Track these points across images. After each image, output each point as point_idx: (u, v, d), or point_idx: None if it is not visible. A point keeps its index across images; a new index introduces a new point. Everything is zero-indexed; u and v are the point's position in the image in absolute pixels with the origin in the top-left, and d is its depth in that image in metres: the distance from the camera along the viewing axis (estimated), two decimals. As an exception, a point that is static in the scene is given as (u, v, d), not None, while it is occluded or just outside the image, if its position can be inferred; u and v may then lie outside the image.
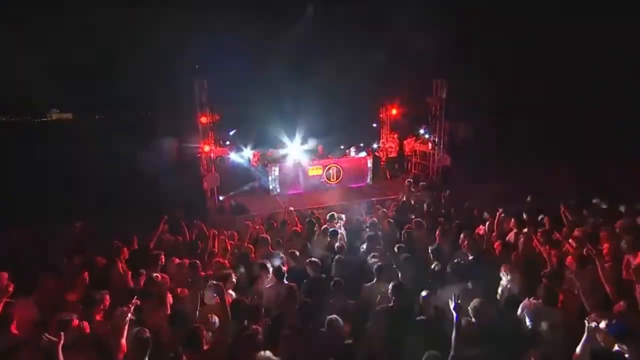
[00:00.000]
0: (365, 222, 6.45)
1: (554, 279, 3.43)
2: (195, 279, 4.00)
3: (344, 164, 12.22)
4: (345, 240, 5.76)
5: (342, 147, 13.10)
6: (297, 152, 12.35)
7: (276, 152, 12.52)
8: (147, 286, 3.85)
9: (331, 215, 6.52)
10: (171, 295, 3.63)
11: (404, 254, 4.32)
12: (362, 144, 13.27)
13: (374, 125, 15.30)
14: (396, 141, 14.50)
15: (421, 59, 13.39)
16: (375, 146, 14.36)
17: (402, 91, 14.11)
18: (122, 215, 7.62)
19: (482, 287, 3.55)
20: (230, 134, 13.50)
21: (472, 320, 2.88)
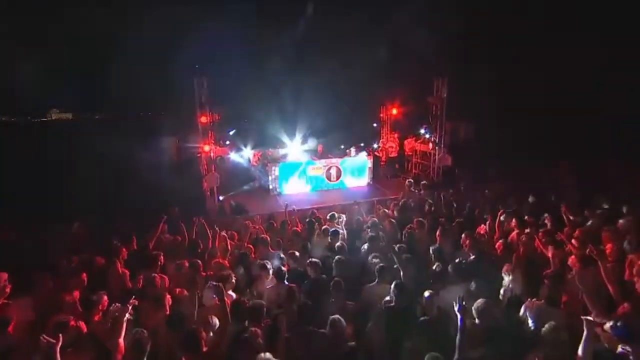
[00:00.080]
0: (365, 222, 6.41)
1: (556, 280, 3.41)
2: (195, 280, 3.96)
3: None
4: (346, 240, 5.72)
5: (342, 146, 13.09)
6: (297, 151, 12.32)
7: (276, 151, 12.51)
8: (145, 287, 3.82)
9: (332, 215, 6.47)
10: (170, 296, 3.60)
11: (405, 254, 4.29)
12: (362, 144, 13.24)
13: (375, 124, 15.30)
14: (396, 141, 14.50)
15: (422, 59, 13.37)
16: (375, 146, 14.34)
17: (402, 91, 14.12)
18: (121, 215, 7.60)
19: (485, 288, 3.52)
20: (230, 134, 13.49)
21: (476, 321, 2.86)
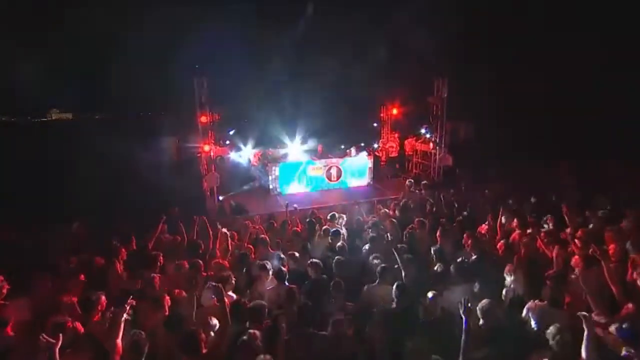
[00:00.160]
0: (366, 222, 6.39)
1: (558, 280, 3.39)
2: (195, 280, 3.94)
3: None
4: (346, 240, 5.70)
5: (342, 147, 13.06)
6: (297, 151, 12.30)
7: (276, 151, 12.48)
8: (144, 287, 3.80)
9: (332, 215, 6.45)
10: (169, 297, 3.58)
11: (406, 254, 4.27)
12: (362, 144, 13.21)
13: (375, 124, 15.28)
14: (397, 141, 14.48)
15: (422, 59, 13.36)
16: (375, 146, 14.32)
17: (402, 91, 14.10)
18: (121, 215, 7.57)
19: (488, 288, 3.50)
20: (230, 134, 13.47)
21: (480, 321, 2.83)
